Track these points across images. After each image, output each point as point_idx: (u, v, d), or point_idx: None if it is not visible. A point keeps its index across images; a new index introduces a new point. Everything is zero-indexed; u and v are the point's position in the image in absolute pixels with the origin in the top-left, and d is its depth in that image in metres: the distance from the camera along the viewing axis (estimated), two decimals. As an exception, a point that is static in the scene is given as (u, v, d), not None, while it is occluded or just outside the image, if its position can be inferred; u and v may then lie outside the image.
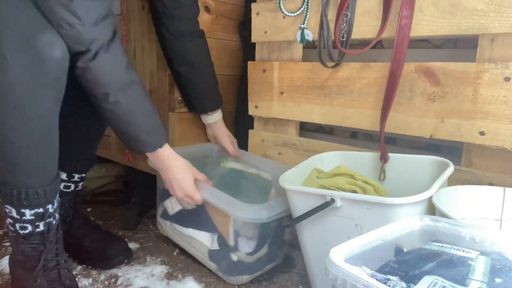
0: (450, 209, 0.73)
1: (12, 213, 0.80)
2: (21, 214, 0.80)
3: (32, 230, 0.82)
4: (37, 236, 0.83)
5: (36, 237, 0.83)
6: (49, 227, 0.84)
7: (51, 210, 0.83)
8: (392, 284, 0.43)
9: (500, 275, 0.45)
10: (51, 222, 0.84)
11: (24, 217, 0.80)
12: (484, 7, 0.76)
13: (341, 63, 0.98)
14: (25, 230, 0.81)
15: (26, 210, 0.80)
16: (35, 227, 0.82)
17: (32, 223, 0.81)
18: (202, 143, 1.33)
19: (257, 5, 1.14)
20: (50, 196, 0.81)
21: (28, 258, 0.83)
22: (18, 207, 0.79)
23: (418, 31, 0.85)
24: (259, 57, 1.19)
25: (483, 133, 0.79)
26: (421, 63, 0.85)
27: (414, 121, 0.88)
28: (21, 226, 0.81)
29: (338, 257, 0.47)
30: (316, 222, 0.79)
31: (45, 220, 0.82)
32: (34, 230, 0.82)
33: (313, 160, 0.96)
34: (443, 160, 0.82)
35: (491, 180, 0.80)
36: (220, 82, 1.25)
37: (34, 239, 0.83)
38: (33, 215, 0.81)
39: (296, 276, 1.02)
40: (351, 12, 0.93)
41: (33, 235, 0.82)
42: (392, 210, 0.67)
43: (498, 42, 0.76)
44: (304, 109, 1.08)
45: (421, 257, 0.50)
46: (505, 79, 0.75)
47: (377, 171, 0.92)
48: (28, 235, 0.82)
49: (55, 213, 0.85)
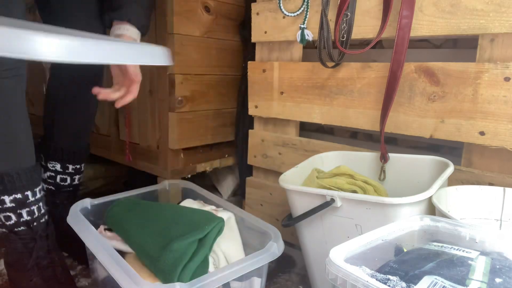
0: (450, 209, 0.73)
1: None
2: (1, 202, 0.81)
3: (17, 220, 0.82)
4: (24, 227, 0.83)
5: (24, 230, 0.83)
6: (34, 217, 0.84)
7: (32, 199, 0.83)
8: (392, 284, 0.43)
9: (500, 275, 0.45)
10: (34, 212, 0.84)
11: (5, 204, 0.81)
12: (484, 7, 0.76)
13: (341, 63, 0.98)
14: (9, 220, 0.82)
15: (4, 196, 0.80)
16: (19, 216, 0.82)
17: (14, 211, 0.82)
18: (205, 142, 1.32)
19: (257, 5, 1.14)
20: (26, 181, 0.82)
21: (21, 257, 0.83)
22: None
23: (418, 31, 0.85)
24: (259, 57, 1.19)
25: (483, 133, 0.79)
26: (421, 63, 0.85)
27: (414, 121, 0.88)
28: (5, 216, 0.82)
29: (338, 257, 0.47)
30: (316, 222, 0.79)
31: (27, 208, 0.83)
32: (19, 219, 0.82)
33: (313, 160, 0.96)
34: (443, 160, 0.82)
35: (491, 180, 0.80)
36: (220, 82, 1.25)
37: (22, 233, 0.83)
38: (12, 201, 0.81)
39: (296, 276, 1.02)
40: (351, 12, 0.93)
41: (20, 226, 0.83)
42: (392, 210, 0.67)
43: (498, 42, 0.76)
44: (304, 109, 1.08)
45: (421, 257, 0.50)
46: (505, 79, 0.75)
47: (377, 171, 0.92)
48: (15, 225, 0.82)
49: (38, 203, 0.85)
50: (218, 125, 1.39)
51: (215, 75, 1.34)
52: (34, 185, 0.84)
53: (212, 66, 1.32)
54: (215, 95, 1.35)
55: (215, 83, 1.34)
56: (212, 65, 1.32)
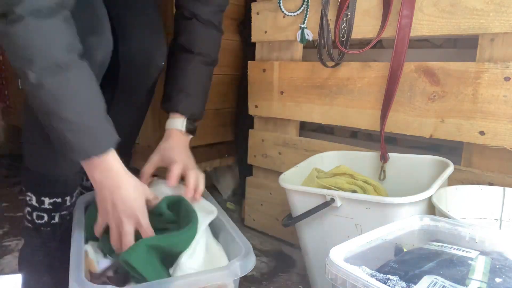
0: (450, 209, 0.73)
1: (32, 201, 0.82)
2: (40, 202, 0.82)
3: (48, 221, 0.83)
4: (50, 228, 0.84)
5: (48, 231, 0.84)
6: (63, 221, 0.85)
7: (68, 203, 0.84)
8: (392, 284, 0.43)
9: (500, 274, 0.45)
10: (65, 217, 0.85)
11: (43, 205, 0.82)
12: (484, 6, 0.76)
13: (341, 62, 0.98)
14: (41, 220, 0.83)
15: (46, 198, 0.81)
16: (51, 218, 0.83)
17: (49, 213, 0.83)
18: (204, 142, 1.32)
19: (257, 4, 1.14)
20: (70, 187, 0.83)
21: (37, 254, 0.84)
22: (39, 194, 0.81)
23: (418, 30, 0.85)
24: (259, 57, 1.19)
25: (483, 132, 0.78)
26: (421, 63, 0.85)
27: (414, 120, 0.88)
28: (38, 215, 0.83)
29: (338, 256, 0.47)
30: (316, 221, 0.79)
31: (61, 212, 0.84)
32: (49, 221, 0.83)
33: (313, 160, 0.96)
34: (443, 160, 0.82)
35: (491, 180, 0.80)
36: (220, 82, 1.25)
37: (45, 233, 0.84)
38: (51, 204, 0.82)
39: (296, 276, 1.02)
40: (351, 11, 0.93)
41: (47, 227, 0.83)
42: (392, 210, 0.67)
43: (498, 41, 0.76)
44: (304, 109, 1.08)
45: (421, 256, 0.50)
46: (505, 79, 0.75)
47: (377, 170, 0.92)
48: (43, 225, 0.83)
49: (71, 208, 0.86)
50: (218, 125, 1.39)
51: (215, 74, 1.32)
52: (73, 190, 0.85)
53: (212, 65, 1.32)
54: (215, 95, 1.35)
55: (215, 82, 1.34)
56: (212, 64, 1.31)
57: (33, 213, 0.83)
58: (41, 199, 0.82)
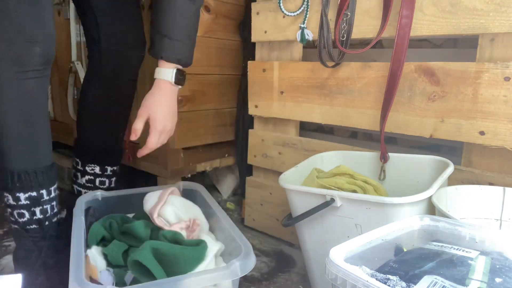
0: (450, 208, 0.73)
1: (9, 200, 0.83)
2: (16, 199, 0.82)
3: (30, 217, 0.83)
4: (36, 225, 0.84)
5: (36, 228, 0.84)
6: (46, 216, 0.85)
7: (46, 197, 0.84)
8: (392, 284, 0.43)
9: (500, 274, 0.45)
10: (47, 210, 0.85)
11: (20, 201, 0.82)
12: (484, 6, 0.76)
13: (341, 62, 0.98)
14: (22, 217, 0.83)
15: (20, 193, 0.82)
16: (32, 214, 0.83)
17: (28, 209, 0.83)
18: (205, 142, 1.32)
19: (257, 4, 1.14)
20: (43, 180, 0.83)
21: (29, 254, 0.84)
22: (13, 191, 0.81)
23: (418, 30, 0.85)
24: (259, 57, 1.19)
25: (483, 132, 0.79)
26: (421, 63, 0.85)
27: (414, 120, 0.88)
28: (18, 213, 0.83)
29: (338, 256, 0.47)
30: (316, 221, 0.79)
31: (41, 206, 0.84)
32: (32, 217, 0.83)
33: (313, 160, 0.96)
34: (443, 160, 0.82)
35: (491, 180, 0.80)
36: (220, 82, 1.25)
37: (33, 231, 0.84)
38: (27, 199, 0.82)
39: (296, 276, 1.02)
40: (351, 11, 0.93)
41: (32, 224, 0.84)
42: (392, 210, 0.67)
43: (498, 41, 0.76)
44: (304, 109, 1.08)
45: (421, 256, 0.50)
46: (505, 79, 0.75)
47: (377, 170, 0.92)
48: (27, 223, 0.83)
49: (52, 202, 0.86)
50: (218, 125, 1.39)
51: (215, 74, 1.34)
52: (49, 184, 0.85)
53: (212, 65, 1.32)
54: (215, 95, 1.35)
55: (215, 82, 1.34)
56: (212, 64, 1.31)
57: (14, 212, 0.83)
58: (16, 196, 0.82)
